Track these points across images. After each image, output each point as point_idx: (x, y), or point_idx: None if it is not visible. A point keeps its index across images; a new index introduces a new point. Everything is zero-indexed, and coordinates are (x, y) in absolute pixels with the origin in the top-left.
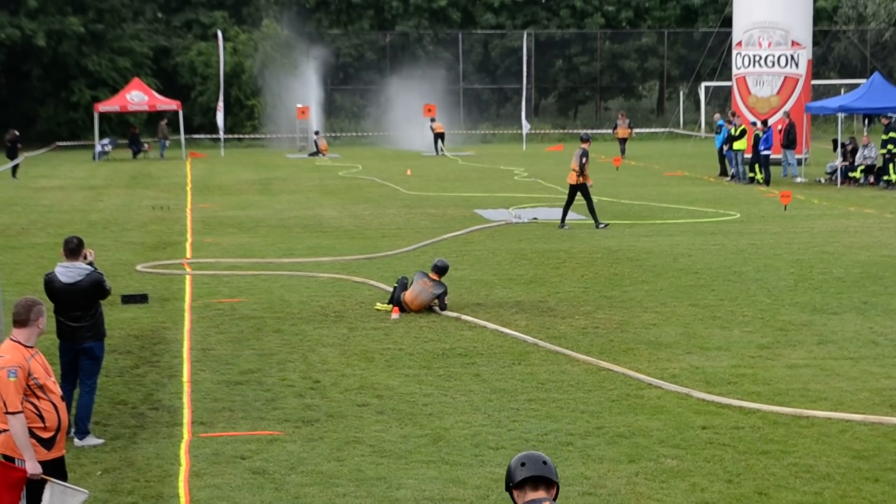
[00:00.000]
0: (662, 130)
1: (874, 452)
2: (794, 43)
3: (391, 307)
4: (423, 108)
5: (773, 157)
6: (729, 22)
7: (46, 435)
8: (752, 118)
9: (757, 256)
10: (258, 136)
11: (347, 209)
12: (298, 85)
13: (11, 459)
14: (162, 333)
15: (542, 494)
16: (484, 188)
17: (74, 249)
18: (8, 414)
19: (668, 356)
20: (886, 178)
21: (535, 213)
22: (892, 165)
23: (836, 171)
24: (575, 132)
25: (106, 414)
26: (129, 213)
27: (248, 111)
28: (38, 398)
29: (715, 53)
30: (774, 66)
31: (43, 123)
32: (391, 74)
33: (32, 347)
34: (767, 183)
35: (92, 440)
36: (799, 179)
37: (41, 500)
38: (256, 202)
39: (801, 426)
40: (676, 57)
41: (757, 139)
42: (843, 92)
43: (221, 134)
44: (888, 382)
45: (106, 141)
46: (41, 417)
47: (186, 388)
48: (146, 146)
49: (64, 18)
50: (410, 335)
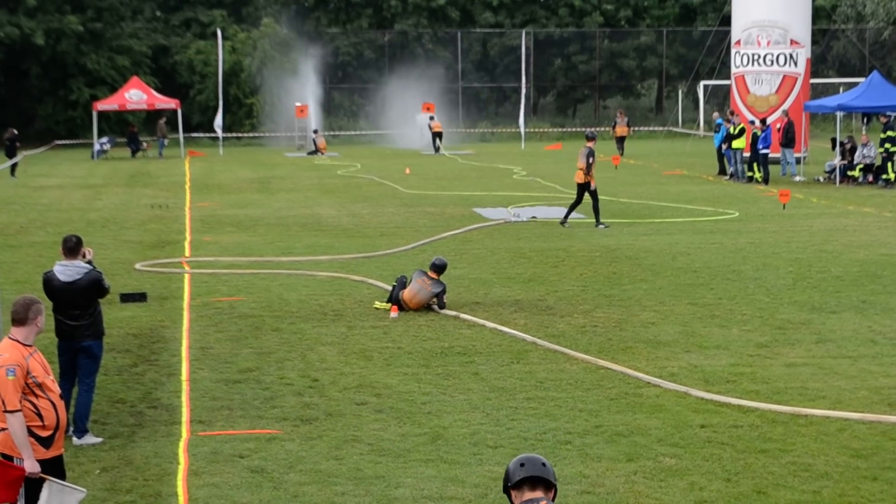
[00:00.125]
0: (661, 129)
1: (872, 451)
2: (792, 42)
3: (390, 306)
4: (421, 106)
5: (771, 155)
6: (728, 21)
7: (45, 433)
8: (750, 117)
9: (755, 255)
10: (257, 134)
11: (346, 208)
12: (297, 83)
13: (10, 458)
14: (160, 332)
15: (539, 494)
16: (483, 187)
17: (73, 248)
18: (6, 412)
19: (666, 355)
20: (885, 176)
21: (533, 211)
22: (890, 164)
23: (834, 169)
24: (573, 131)
25: (104, 412)
26: (127, 211)
27: (246, 110)
28: (36, 397)
29: (714, 52)
30: (773, 64)
31: (41, 122)
32: (390, 73)
33: (31, 346)
34: (766, 182)
35: (90, 439)
36: (798, 178)
37: (39, 498)
38: (255, 201)
39: (799, 425)
40: (675, 56)
41: (755, 138)
42: (841, 91)
43: (220, 133)
44: (886, 381)
45: (105, 139)
46: (40, 416)
47: (185, 386)
48: (145, 145)
49: (63, 17)
50: (409, 334)
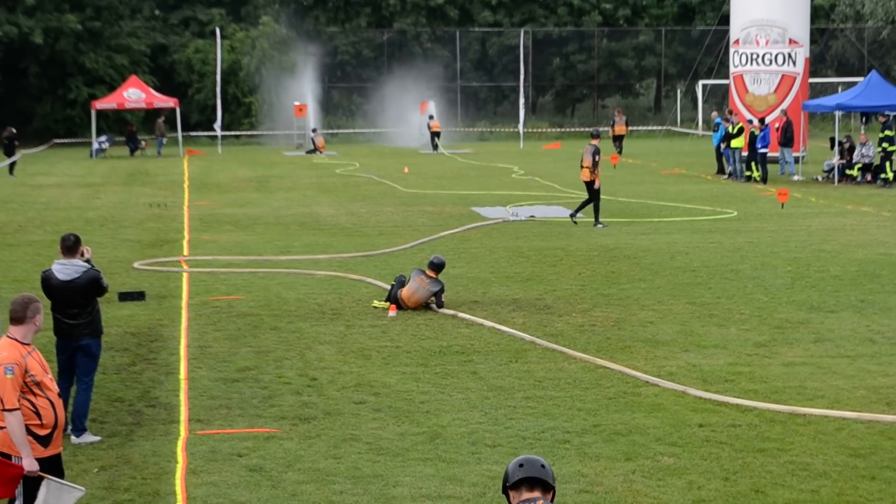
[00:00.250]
0: (660, 128)
1: (871, 450)
2: (791, 41)
3: (388, 305)
4: (420, 105)
5: (770, 155)
6: (726, 20)
7: (43, 432)
8: (749, 116)
9: (754, 254)
10: (255, 133)
11: (345, 207)
12: (296, 82)
13: (8, 456)
14: (159, 331)
15: (537, 494)
16: (481, 186)
17: (71, 247)
18: (5, 411)
19: (665, 354)
20: (883, 175)
21: (532, 210)
22: (888, 163)
23: (833, 169)
24: (572, 131)
25: (103, 411)
26: (126, 210)
27: (245, 108)
28: (35, 395)
29: (712, 51)
30: (772, 64)
31: (40, 121)
32: (388, 72)
33: (29, 345)
34: (765, 181)
35: (89, 437)
36: (796, 177)
37: (37, 497)
38: (253, 200)
39: (797, 424)
40: (674, 55)
41: (754, 137)
42: (840, 90)
43: (219, 131)
44: (885, 380)
45: (103, 138)
46: (38, 414)
47: (183, 385)
48: (143, 143)
49: (61, 16)
50: (407, 333)
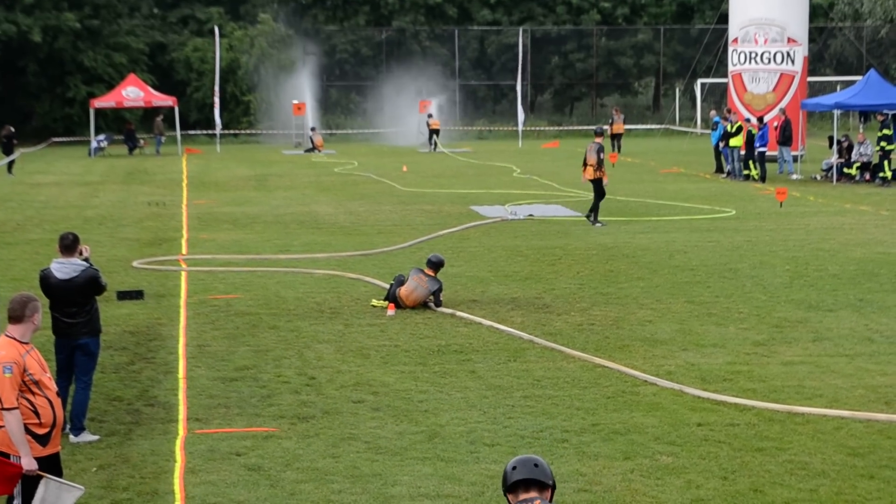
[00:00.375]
0: (658, 127)
1: (869, 449)
2: (790, 40)
3: (387, 304)
4: (419, 104)
5: (768, 153)
6: (725, 18)
7: (42, 431)
8: (747, 115)
9: (752, 253)
10: (254, 132)
11: (343, 205)
12: (294, 81)
13: (7, 455)
14: (157, 330)
15: (533, 494)
16: (480, 185)
17: (70, 245)
18: (3, 410)
19: (663, 353)
20: (882, 174)
21: (530, 209)
22: (887, 162)
23: (831, 167)
24: (570, 129)
25: (101, 410)
26: (124, 209)
27: (243, 107)
28: (33, 394)
29: (711, 50)
30: (770, 62)
31: (39, 119)
32: (387, 70)
33: (28, 343)
34: (763, 180)
35: (87, 436)
36: (795, 176)
37: (35, 495)
38: (252, 198)
39: (796, 423)
40: (672, 53)
41: (752, 136)
42: (838, 89)
43: (218, 130)
44: (883, 379)
45: (102, 137)
46: (36, 413)
47: (182, 384)
48: (142, 142)
49: (60, 14)
50: (406, 332)
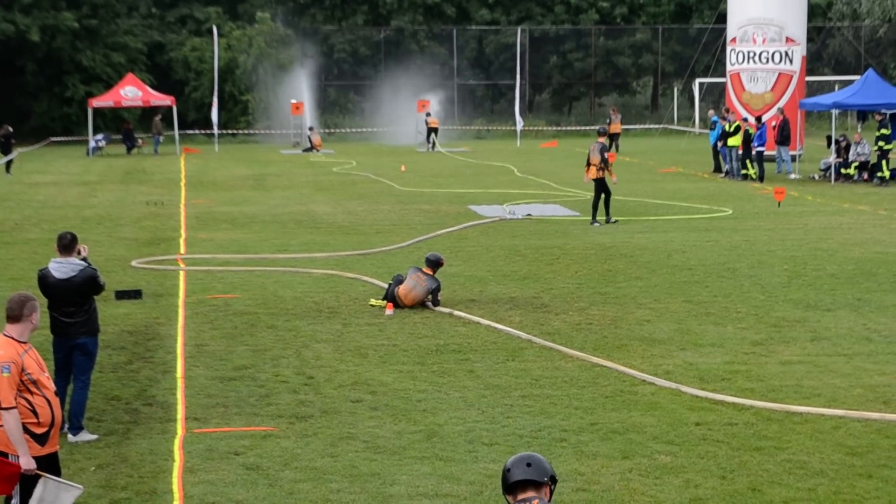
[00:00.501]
0: (656, 127)
1: (867, 449)
2: (788, 39)
3: (385, 303)
4: (417, 103)
5: (767, 153)
6: (723, 18)
7: (40, 430)
8: (745, 114)
9: (751, 253)
10: (252, 131)
11: (341, 205)
12: (292, 80)
13: (6, 455)
14: (156, 329)
15: (530, 494)
16: (478, 184)
17: (68, 245)
18: (2, 409)
19: (661, 352)
20: (880, 174)
21: (529, 209)
22: (885, 162)
23: (829, 167)
24: (569, 129)
25: (100, 410)
26: (123, 208)
27: (241, 107)
28: (31, 394)
29: (709, 50)
30: (769, 62)
31: (37, 119)
32: (385, 70)
33: (26, 343)
34: (761, 179)
35: (86, 436)
36: (793, 176)
37: (34, 495)
38: (250, 198)
39: (794, 422)
40: (671, 53)
41: (750, 135)
42: (837, 88)
43: (216, 129)
44: (881, 379)
45: (100, 136)
46: (35, 413)
47: (180, 383)
48: (140, 142)
49: (58, 13)
50: (404, 331)
